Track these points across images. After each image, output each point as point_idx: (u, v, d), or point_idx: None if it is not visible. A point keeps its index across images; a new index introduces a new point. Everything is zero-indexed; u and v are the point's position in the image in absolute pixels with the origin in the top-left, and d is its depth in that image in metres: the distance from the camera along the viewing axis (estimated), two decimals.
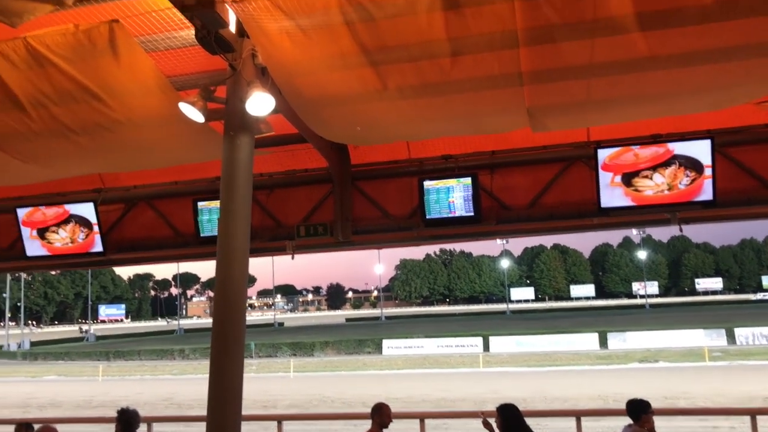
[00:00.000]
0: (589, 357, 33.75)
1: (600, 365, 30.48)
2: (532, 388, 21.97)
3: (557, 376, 26.14)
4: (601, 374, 26.35)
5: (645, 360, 31.20)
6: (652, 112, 6.57)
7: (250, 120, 5.54)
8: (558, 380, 24.45)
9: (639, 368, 28.80)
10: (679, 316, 64.49)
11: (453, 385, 23.89)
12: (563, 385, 22.72)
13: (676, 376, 24.06)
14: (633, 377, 24.09)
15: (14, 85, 5.62)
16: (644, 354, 33.26)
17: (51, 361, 49.90)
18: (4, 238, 10.34)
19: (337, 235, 8.87)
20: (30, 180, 8.03)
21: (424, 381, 26.33)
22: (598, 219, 8.06)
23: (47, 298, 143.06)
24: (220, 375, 5.37)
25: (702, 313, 67.00)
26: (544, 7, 4.69)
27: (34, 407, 21.41)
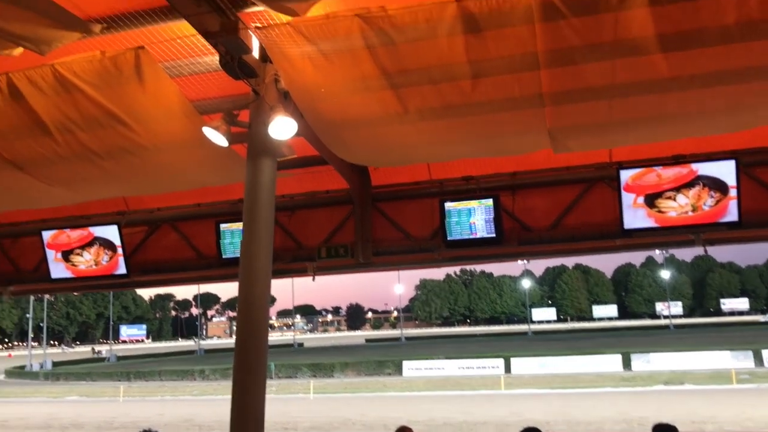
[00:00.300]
0: (613, 379, 33.26)
1: (624, 387, 30.02)
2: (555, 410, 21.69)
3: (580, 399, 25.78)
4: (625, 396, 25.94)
5: (670, 382, 30.68)
6: (674, 132, 6.53)
7: (272, 143, 5.60)
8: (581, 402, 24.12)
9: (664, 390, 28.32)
10: (705, 337, 63.50)
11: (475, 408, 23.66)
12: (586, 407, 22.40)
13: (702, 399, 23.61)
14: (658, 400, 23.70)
15: (42, 111, 5.73)
16: (669, 376, 32.71)
17: (73, 381, 50.18)
18: (30, 260, 10.48)
19: (358, 257, 8.87)
20: (55, 203, 8.15)
21: (446, 403, 26.11)
22: (621, 240, 7.99)
23: (69, 318, 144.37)
24: (243, 397, 5.37)
25: (728, 334, 65.91)
26: (564, 30, 4.71)
27: (56, 428, 21.53)
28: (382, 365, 43.56)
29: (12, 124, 5.94)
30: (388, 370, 42.83)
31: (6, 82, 5.46)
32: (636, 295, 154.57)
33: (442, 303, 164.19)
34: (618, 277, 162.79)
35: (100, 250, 9.63)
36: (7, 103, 5.65)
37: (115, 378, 48.28)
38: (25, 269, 10.55)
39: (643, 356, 38.98)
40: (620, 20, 4.59)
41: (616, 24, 4.63)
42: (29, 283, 10.57)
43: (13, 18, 4.30)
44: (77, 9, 4.78)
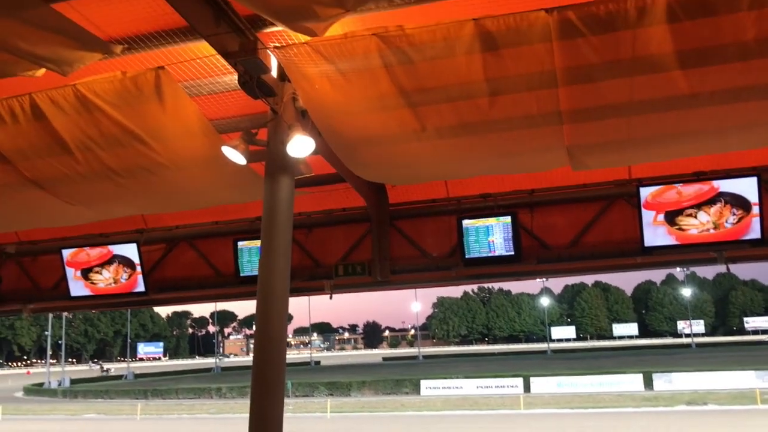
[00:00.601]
0: (634, 398, 32.79)
1: (645, 407, 29.58)
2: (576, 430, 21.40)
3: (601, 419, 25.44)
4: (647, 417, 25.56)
5: (693, 402, 30.19)
6: (695, 149, 6.48)
7: (290, 162, 5.62)
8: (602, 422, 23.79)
9: (686, 411, 27.87)
10: (728, 356, 62.51)
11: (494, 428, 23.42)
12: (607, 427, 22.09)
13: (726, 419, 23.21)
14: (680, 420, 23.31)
15: (63, 130, 5.81)
16: (692, 396, 32.19)
17: (90, 399, 50.37)
18: (49, 278, 10.56)
19: (375, 275, 8.85)
20: (75, 221, 8.22)
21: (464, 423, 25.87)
22: (642, 258, 7.90)
23: (87, 335, 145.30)
24: (261, 415, 5.35)
25: (752, 353, 64.86)
26: (582, 47, 4.70)
27: None
28: (399, 384, 43.30)
29: (34, 144, 6.03)
30: (405, 389, 42.57)
31: (29, 103, 5.55)
32: (657, 313, 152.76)
33: (459, 321, 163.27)
34: (638, 294, 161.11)
35: (119, 268, 9.69)
36: (29, 124, 5.74)
37: (132, 396, 48.40)
38: (45, 287, 10.64)
39: (665, 376, 38.43)
40: (638, 37, 4.57)
41: (635, 41, 4.61)
42: (49, 300, 10.65)
43: (37, 40, 4.37)
44: (99, 30, 4.86)
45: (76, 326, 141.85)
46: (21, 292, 10.69)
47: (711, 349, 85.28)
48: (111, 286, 9.78)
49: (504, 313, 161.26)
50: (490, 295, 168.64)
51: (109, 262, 9.74)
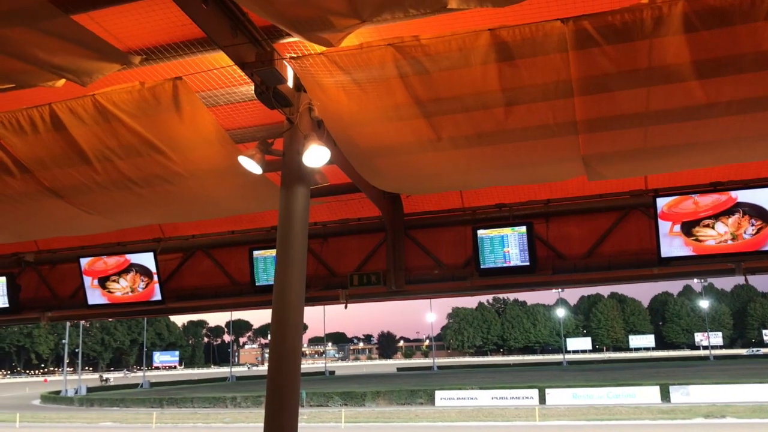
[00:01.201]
0: (651, 411, 32.44)
1: (662, 420, 29.24)
2: None
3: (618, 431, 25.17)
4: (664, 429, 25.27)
5: (711, 415, 29.80)
6: (712, 159, 6.44)
7: (306, 171, 5.64)
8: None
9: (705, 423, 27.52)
10: (747, 368, 61.69)
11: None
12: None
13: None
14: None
15: (82, 140, 5.88)
16: (710, 409, 31.78)
17: (107, 407, 50.59)
18: (67, 286, 10.65)
19: (390, 284, 8.84)
20: (93, 230, 8.30)
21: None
22: (658, 269, 7.84)
23: (104, 344, 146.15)
24: (275, 425, 5.35)
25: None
26: (598, 57, 4.70)
27: None
28: (414, 394, 43.12)
29: (53, 154, 6.11)
30: (420, 399, 42.39)
31: (49, 113, 5.63)
32: (674, 325, 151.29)
33: (474, 332, 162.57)
34: (655, 306, 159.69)
35: (136, 277, 9.76)
36: (49, 134, 5.82)
37: (148, 404, 48.57)
38: (63, 295, 10.72)
39: (682, 388, 38.00)
40: (655, 47, 4.57)
41: (651, 51, 4.61)
42: (66, 309, 10.73)
43: (57, 50, 4.44)
44: (117, 41, 4.92)
45: (93, 335, 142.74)
46: (39, 300, 10.79)
47: (729, 362, 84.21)
48: (128, 294, 9.84)
49: (519, 323, 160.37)
50: (506, 305, 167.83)
51: (127, 270, 9.80)
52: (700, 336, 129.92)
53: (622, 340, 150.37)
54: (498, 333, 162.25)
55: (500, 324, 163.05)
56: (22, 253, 10.62)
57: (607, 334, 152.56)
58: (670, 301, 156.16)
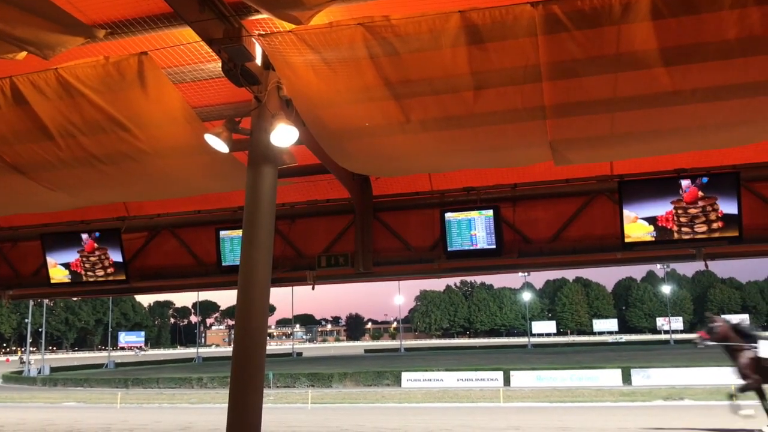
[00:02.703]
0: (612, 393, 33.06)
1: (623, 402, 29.87)
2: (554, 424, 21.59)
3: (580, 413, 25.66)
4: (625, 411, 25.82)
5: (670, 398, 30.48)
6: (676, 146, 6.54)
7: (274, 151, 5.60)
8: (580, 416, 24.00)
9: (664, 406, 28.18)
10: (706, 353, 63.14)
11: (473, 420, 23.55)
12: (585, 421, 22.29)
13: (702, 414, 23.49)
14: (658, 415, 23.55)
15: (44, 115, 5.75)
16: (669, 391, 32.53)
17: (70, 387, 49.99)
18: (29, 264, 10.48)
19: (358, 266, 8.86)
20: (56, 207, 8.16)
21: (444, 415, 25.98)
22: (622, 253, 7.98)
23: (68, 324, 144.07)
24: (240, 405, 5.35)
25: None
26: (567, 42, 4.72)
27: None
28: (380, 376, 43.37)
29: (15, 129, 5.97)
30: (386, 381, 42.64)
31: (9, 87, 5.49)
32: (637, 310, 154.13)
33: (441, 314, 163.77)
34: (619, 290, 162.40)
35: (100, 256, 9.62)
36: (10, 108, 5.68)
37: (112, 385, 48.10)
38: (25, 273, 10.55)
39: (643, 371, 38.81)
40: (623, 33, 4.61)
41: (619, 37, 4.64)
42: (28, 287, 10.57)
43: (18, 21, 4.32)
44: (81, 14, 4.81)
45: (57, 314, 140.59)
46: (0, 278, 10.59)
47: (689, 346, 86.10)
48: (91, 273, 9.70)
49: (486, 307, 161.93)
50: (473, 288, 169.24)
51: (90, 249, 9.66)
52: (662, 321, 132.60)
53: (586, 323, 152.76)
54: (465, 316, 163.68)
55: (467, 307, 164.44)
56: None
57: (571, 317, 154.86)
58: (633, 286, 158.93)
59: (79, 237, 9.69)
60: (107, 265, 9.60)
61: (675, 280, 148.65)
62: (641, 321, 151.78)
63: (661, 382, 36.84)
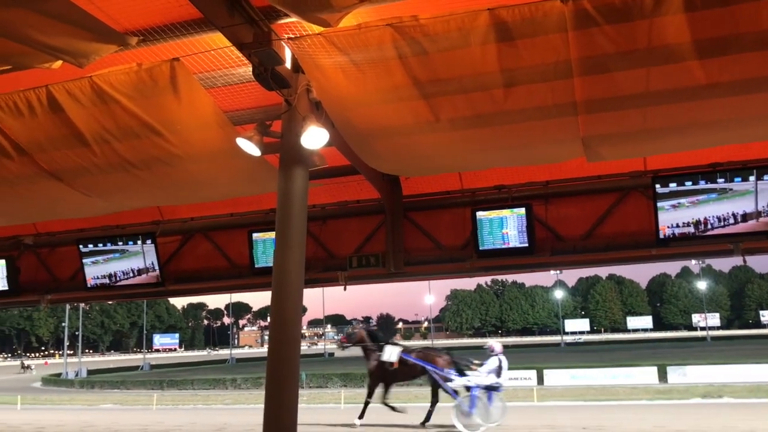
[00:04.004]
0: (648, 391, 32.59)
1: (660, 400, 29.43)
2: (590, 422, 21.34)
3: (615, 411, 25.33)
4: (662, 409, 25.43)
5: (708, 395, 29.93)
6: (711, 140, 6.42)
7: (304, 153, 5.63)
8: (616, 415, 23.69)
9: (702, 404, 27.70)
10: (744, 349, 61.94)
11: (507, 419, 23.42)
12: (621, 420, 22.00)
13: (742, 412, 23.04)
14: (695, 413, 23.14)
15: (80, 122, 5.86)
16: (707, 389, 31.96)
17: (107, 389, 50.81)
18: (67, 269, 10.68)
19: (389, 266, 8.87)
20: (92, 213, 8.30)
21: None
22: (657, 250, 7.86)
23: (104, 327, 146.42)
24: (276, 405, 5.39)
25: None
26: (598, 37, 4.67)
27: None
28: None
29: (51, 136, 6.09)
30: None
31: (46, 95, 5.60)
32: (672, 306, 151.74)
33: (473, 313, 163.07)
34: (653, 287, 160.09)
35: (135, 259, 9.76)
36: (46, 116, 5.79)
37: (148, 386, 48.78)
38: (62, 278, 10.75)
39: (680, 369, 38.19)
40: (655, 27, 4.54)
41: (651, 31, 4.57)
42: (66, 291, 10.76)
43: (53, 32, 4.40)
44: (114, 22, 4.89)
45: (92, 318, 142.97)
46: (39, 283, 10.82)
47: (727, 342, 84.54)
48: (127, 277, 9.85)
49: (517, 305, 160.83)
50: (504, 287, 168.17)
51: (126, 253, 9.81)
52: (698, 317, 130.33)
53: (620, 321, 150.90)
54: (496, 314, 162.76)
55: (498, 306, 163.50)
56: (21, 236, 10.63)
57: (605, 315, 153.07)
58: (668, 282, 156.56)
59: (115, 241, 9.85)
60: (143, 269, 9.73)
61: (711, 276, 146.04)
62: (676, 318, 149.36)
63: (698, 379, 36.19)
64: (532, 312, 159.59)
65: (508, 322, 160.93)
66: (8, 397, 37.43)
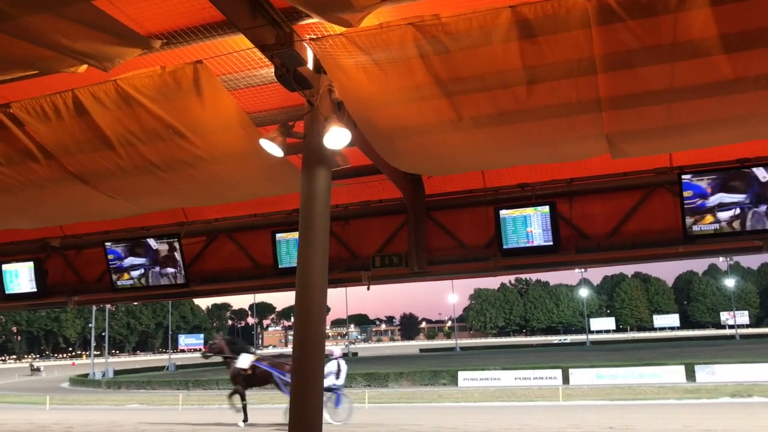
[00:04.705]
0: (676, 390, 32.23)
1: (688, 399, 29.08)
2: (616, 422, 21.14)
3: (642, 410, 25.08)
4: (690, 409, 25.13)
5: (737, 394, 29.54)
6: (738, 135, 6.32)
7: (327, 153, 5.65)
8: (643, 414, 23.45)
9: (731, 403, 27.31)
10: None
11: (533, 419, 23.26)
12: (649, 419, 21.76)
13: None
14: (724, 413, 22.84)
15: (105, 125, 5.93)
16: (736, 388, 31.51)
17: (133, 389, 51.39)
18: (93, 270, 10.81)
19: (412, 266, 8.85)
20: (118, 215, 8.40)
21: (503, 414, 25.75)
22: (684, 247, 7.77)
23: (130, 328, 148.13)
24: (301, 404, 5.41)
25: None
26: (621, 33, 4.63)
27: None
28: (437, 375, 43.26)
29: (77, 139, 6.17)
30: (443, 380, 42.51)
31: (72, 99, 5.68)
32: (699, 304, 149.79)
33: (497, 313, 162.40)
34: (679, 285, 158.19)
35: (161, 261, 9.85)
36: (72, 119, 5.87)
37: (174, 386, 49.23)
38: (89, 279, 10.89)
39: (708, 367, 37.71)
40: (680, 21, 4.48)
41: (676, 25, 4.52)
42: (93, 293, 10.90)
43: (79, 36, 4.46)
44: (138, 26, 4.93)
45: (118, 319, 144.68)
46: (66, 284, 10.97)
47: (756, 341, 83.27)
48: (153, 278, 9.95)
49: (542, 304, 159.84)
50: (528, 286, 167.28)
51: (151, 254, 9.90)
52: (726, 315, 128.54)
53: (646, 319, 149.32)
54: (520, 314, 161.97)
55: (523, 305, 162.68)
56: (48, 238, 10.78)
57: (630, 314, 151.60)
58: (695, 280, 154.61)
59: (140, 243, 9.95)
60: (168, 270, 9.82)
61: (739, 273, 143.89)
62: (704, 316, 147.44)
63: (727, 378, 35.68)
64: (557, 311, 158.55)
65: (533, 321, 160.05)
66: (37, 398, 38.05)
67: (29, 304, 11.77)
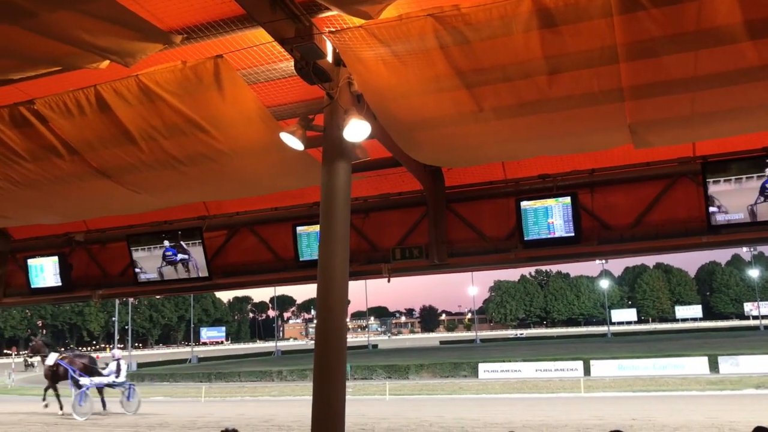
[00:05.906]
0: (699, 382, 31.98)
1: (711, 391, 28.83)
2: (638, 413, 21.02)
3: (664, 402, 24.93)
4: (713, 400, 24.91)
5: (762, 386, 29.22)
6: (763, 124, 6.23)
7: (347, 146, 5.65)
8: (665, 406, 23.30)
9: (755, 395, 27.03)
10: None
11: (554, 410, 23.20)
12: (671, 411, 21.60)
13: None
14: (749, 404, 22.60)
15: (127, 120, 5.98)
16: (761, 379, 31.17)
17: (156, 382, 51.95)
18: (117, 264, 10.93)
19: (433, 258, 8.84)
20: (140, 209, 8.48)
21: (524, 406, 25.72)
22: (708, 237, 7.68)
23: (152, 321, 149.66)
24: (324, 397, 5.44)
25: None
26: (644, 21, 4.57)
27: (144, 427, 22.33)
28: (457, 367, 43.27)
29: (100, 135, 6.23)
30: (463, 372, 42.51)
31: (94, 95, 5.72)
32: (722, 295, 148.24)
33: (517, 304, 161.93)
34: (702, 276, 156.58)
35: (183, 254, 9.94)
36: (95, 115, 5.92)
37: (196, 379, 49.70)
38: (113, 273, 11.00)
39: (732, 359, 37.30)
40: (704, 8, 4.41)
41: (700, 12, 4.45)
42: (117, 287, 11.02)
43: (100, 32, 4.49)
44: (159, 21, 4.96)
45: (141, 312, 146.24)
46: (90, 278, 11.10)
47: None
48: (176, 271, 10.04)
49: (562, 296, 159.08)
50: (548, 278, 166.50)
51: (174, 248, 9.99)
52: (750, 306, 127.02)
53: (668, 311, 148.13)
54: (541, 305, 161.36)
55: (543, 296, 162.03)
56: (72, 233, 10.91)
57: (652, 305, 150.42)
58: (717, 270, 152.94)
59: (163, 236, 10.04)
60: (190, 264, 9.90)
61: (763, 263, 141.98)
62: (727, 307, 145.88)
63: (751, 369, 35.28)
64: (578, 302, 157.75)
65: (553, 313, 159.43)
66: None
67: (54, 298, 11.94)
